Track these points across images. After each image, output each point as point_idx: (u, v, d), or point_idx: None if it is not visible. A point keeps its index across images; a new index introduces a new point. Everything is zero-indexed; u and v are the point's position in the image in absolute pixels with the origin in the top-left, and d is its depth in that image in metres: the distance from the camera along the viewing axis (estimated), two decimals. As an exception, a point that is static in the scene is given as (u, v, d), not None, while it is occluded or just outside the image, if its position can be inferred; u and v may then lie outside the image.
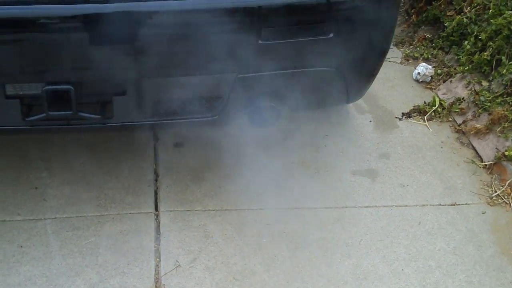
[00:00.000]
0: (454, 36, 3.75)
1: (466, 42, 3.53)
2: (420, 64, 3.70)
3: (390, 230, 2.50)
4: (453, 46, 3.74)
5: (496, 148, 2.91)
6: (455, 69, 3.58)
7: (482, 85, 3.28)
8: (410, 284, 2.26)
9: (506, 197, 2.71)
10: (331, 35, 2.05)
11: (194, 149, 2.88)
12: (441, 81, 3.58)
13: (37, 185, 2.61)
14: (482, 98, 3.16)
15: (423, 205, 2.65)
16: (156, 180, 2.68)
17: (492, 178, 2.83)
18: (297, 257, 2.34)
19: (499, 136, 2.95)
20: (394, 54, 3.90)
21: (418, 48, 4.00)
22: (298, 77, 2.18)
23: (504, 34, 3.22)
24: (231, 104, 2.19)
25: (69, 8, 1.87)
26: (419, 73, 3.63)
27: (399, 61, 3.89)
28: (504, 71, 3.14)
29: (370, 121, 3.21)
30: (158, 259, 2.29)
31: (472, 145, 3.05)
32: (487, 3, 3.53)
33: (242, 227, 2.46)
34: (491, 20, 3.33)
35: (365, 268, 2.32)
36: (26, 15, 1.87)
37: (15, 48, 1.93)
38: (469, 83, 3.35)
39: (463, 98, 3.31)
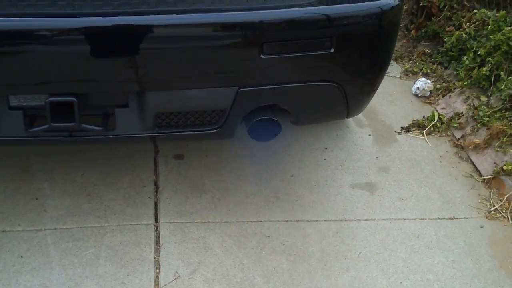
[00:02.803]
0: (453, 52, 3.78)
1: (465, 58, 3.56)
2: (420, 79, 3.72)
3: (389, 243, 2.51)
4: (452, 61, 3.77)
5: (495, 163, 2.93)
6: (454, 84, 3.60)
7: (481, 100, 3.31)
8: (409, 298, 2.28)
9: (504, 211, 2.72)
10: (333, 50, 2.07)
11: (194, 162, 2.90)
12: (440, 96, 3.61)
13: (37, 196, 2.62)
14: (480, 113, 3.18)
15: (422, 219, 2.66)
16: (156, 192, 2.70)
17: (490, 192, 2.84)
18: (296, 270, 2.35)
19: (498, 150, 2.97)
20: (393, 68, 3.93)
21: (417, 63, 4.03)
22: (299, 92, 2.19)
23: (503, 49, 3.24)
24: (232, 118, 2.21)
25: (73, 21, 1.89)
26: (418, 87, 3.65)
27: (398, 76, 3.91)
28: (503, 86, 3.16)
29: (370, 135, 3.23)
30: (157, 270, 2.30)
31: (470, 159, 3.07)
32: (486, 19, 3.56)
33: (241, 239, 2.47)
34: (490, 36, 3.36)
35: (364, 280, 2.32)
36: (30, 27, 1.89)
37: (19, 60, 1.94)
38: (468, 98, 3.38)
39: (462, 113, 3.33)
